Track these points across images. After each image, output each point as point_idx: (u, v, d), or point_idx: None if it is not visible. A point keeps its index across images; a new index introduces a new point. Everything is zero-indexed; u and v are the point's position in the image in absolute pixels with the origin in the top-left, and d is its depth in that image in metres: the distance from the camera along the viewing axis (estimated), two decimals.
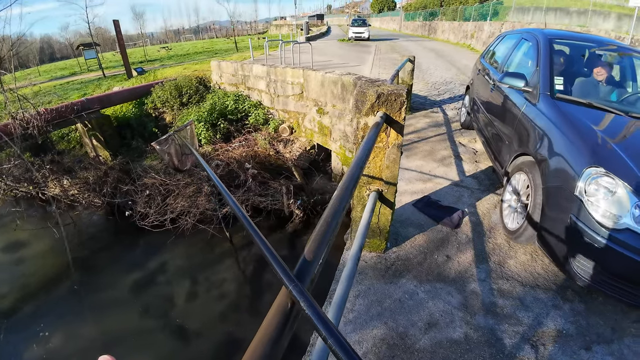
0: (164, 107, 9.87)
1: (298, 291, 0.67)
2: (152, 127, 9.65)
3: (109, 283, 6.18)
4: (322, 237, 0.89)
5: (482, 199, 3.35)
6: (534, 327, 2.00)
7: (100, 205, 7.90)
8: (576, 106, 2.61)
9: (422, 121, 5.58)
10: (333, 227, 0.95)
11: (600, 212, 1.83)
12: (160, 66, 15.44)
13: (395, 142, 2.06)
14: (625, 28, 10.99)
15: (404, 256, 2.54)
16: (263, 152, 7.72)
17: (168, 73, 12.55)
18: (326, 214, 0.99)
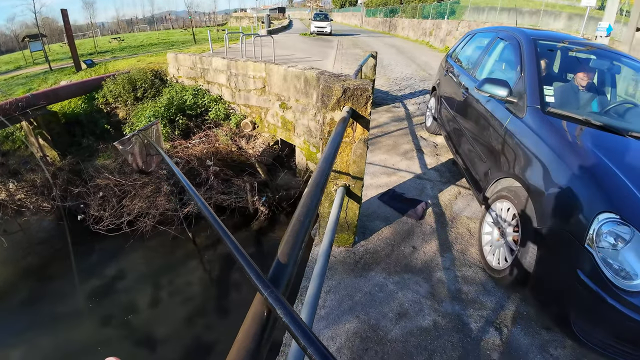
0: (116, 102, 9.25)
1: (274, 298, 0.64)
2: (104, 123, 9.02)
3: (64, 293, 5.72)
4: (295, 238, 0.86)
5: (443, 190, 3.48)
6: (497, 310, 2.11)
7: (50, 209, 7.27)
8: (572, 124, 2.21)
9: (384, 116, 5.68)
10: (306, 226, 0.92)
11: (614, 270, 1.49)
12: (112, 58, 14.46)
13: (361, 137, 2.06)
14: (575, 27, 11.89)
15: (372, 249, 2.57)
16: (225, 149, 7.49)
17: (120, 65, 11.78)
18: (298, 212, 0.96)
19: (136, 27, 48.09)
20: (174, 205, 6.62)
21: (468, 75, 3.61)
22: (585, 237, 1.57)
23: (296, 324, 0.58)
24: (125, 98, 8.98)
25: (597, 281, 1.51)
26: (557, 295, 1.75)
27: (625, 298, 1.44)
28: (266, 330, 0.66)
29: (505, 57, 3.28)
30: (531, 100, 2.39)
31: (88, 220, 6.53)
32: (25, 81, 12.40)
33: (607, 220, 1.54)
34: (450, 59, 4.57)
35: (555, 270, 1.74)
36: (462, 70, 3.90)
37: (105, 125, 8.93)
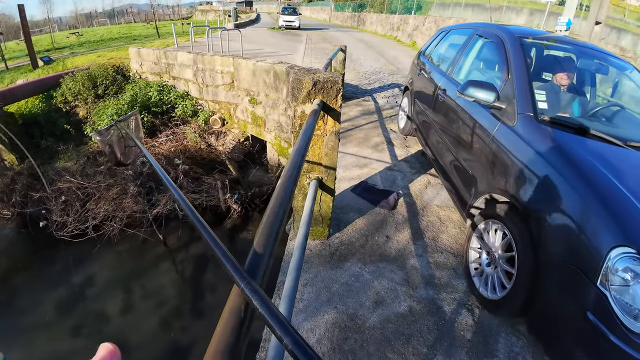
0: (76, 100, 8.72)
1: (251, 289, 0.63)
2: (64, 123, 8.49)
3: (30, 304, 5.37)
4: (270, 228, 0.85)
5: (414, 180, 3.57)
6: (468, 292, 2.20)
7: (10, 217, 6.78)
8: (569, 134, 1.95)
9: (355, 109, 5.73)
10: (280, 217, 0.91)
11: (629, 312, 1.31)
12: (71, 54, 13.60)
13: (332, 129, 2.07)
14: (536, 22, 12.46)
15: (347, 241, 2.60)
16: (193, 146, 7.28)
17: (79, 62, 11.10)
18: (272, 204, 0.95)
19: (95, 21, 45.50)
20: (142, 206, 6.37)
21: (445, 76, 3.32)
22: (597, 275, 1.37)
23: (273, 315, 0.58)
24: (86, 96, 8.50)
25: (609, 324, 1.33)
26: (562, 333, 1.58)
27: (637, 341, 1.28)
28: (245, 323, 0.65)
29: (486, 56, 3.03)
30: (522, 106, 2.11)
31: (51, 226, 6.16)
32: None
33: (623, 255, 1.34)
34: (423, 57, 4.33)
35: (561, 309, 1.55)
36: (438, 70, 3.62)
37: (64, 125, 8.41)
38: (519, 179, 1.87)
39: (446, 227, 2.84)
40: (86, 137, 7.98)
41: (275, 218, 0.89)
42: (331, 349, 1.83)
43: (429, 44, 4.45)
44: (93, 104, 8.42)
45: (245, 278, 0.65)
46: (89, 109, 8.45)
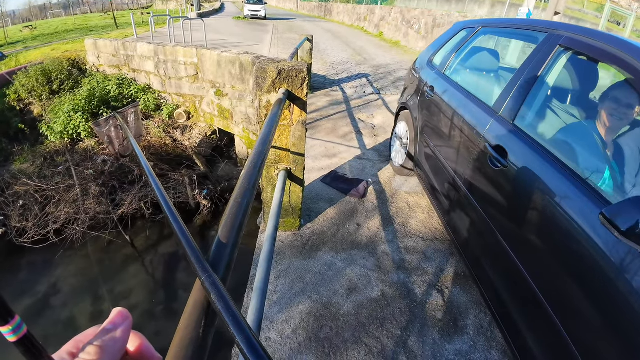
0: (30, 97, 8.11)
1: (210, 283, 0.60)
2: (18, 122, 7.88)
3: None
4: (234, 219, 0.82)
5: (382, 168, 3.62)
6: (438, 274, 2.27)
7: None
8: None
9: (323, 100, 5.71)
10: (245, 207, 0.88)
11: None
12: (24, 49, 12.59)
13: (299, 119, 2.05)
14: (497, 13, 12.85)
15: (318, 230, 2.61)
16: (158, 142, 7.00)
17: (33, 56, 10.30)
18: (235, 194, 0.92)
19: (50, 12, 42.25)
20: (105, 207, 6.07)
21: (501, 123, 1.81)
22: None
23: (228, 310, 0.56)
24: (40, 92, 7.92)
25: None
26: None
27: None
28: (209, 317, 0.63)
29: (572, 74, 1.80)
30: None
31: (10, 233, 5.75)
32: None
33: None
34: (431, 67, 3.00)
35: None
36: (477, 103, 2.10)
37: (19, 124, 7.82)
38: None
39: (415, 213, 2.91)
40: (42, 136, 7.47)
41: (238, 209, 0.86)
42: (307, 338, 1.84)
43: (440, 46, 3.09)
44: (48, 101, 7.86)
45: (207, 271, 0.63)
46: (44, 106, 7.88)
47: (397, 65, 8.89)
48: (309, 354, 1.76)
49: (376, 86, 6.81)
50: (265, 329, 1.88)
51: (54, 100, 7.76)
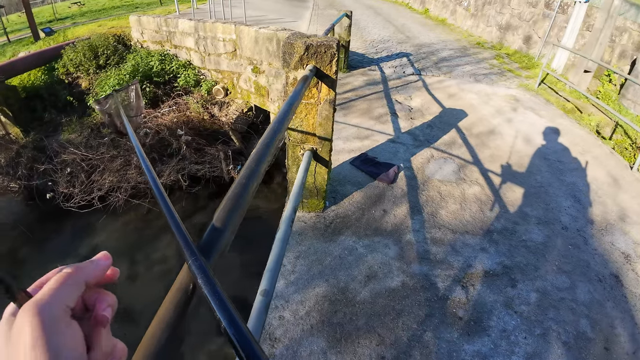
0: (77, 71, 8.56)
1: (198, 267, 0.57)
2: (66, 95, 8.39)
3: (38, 274, 5.54)
4: (234, 202, 0.78)
5: (416, 154, 3.45)
6: (464, 269, 2.15)
7: (17, 189, 6.88)
8: None
9: (359, 79, 5.52)
10: (248, 189, 0.84)
11: None
12: (72, 24, 13.31)
13: (327, 97, 1.96)
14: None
15: (342, 214, 2.55)
16: (196, 117, 7.17)
17: (80, 32, 10.85)
18: (241, 174, 0.88)
19: None
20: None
21: None
22: None
23: (215, 295, 0.52)
24: (87, 67, 8.33)
25: None
26: None
27: None
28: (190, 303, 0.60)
29: None
30: None
31: (58, 198, 6.25)
32: None
33: None
34: None
35: None
36: None
37: (67, 97, 8.31)
38: None
39: (446, 203, 2.76)
40: (89, 108, 7.91)
41: (242, 190, 0.82)
42: (320, 321, 1.82)
43: None
44: (95, 75, 8.26)
45: (194, 254, 0.59)
46: (91, 80, 8.30)
47: (441, 45, 8.37)
48: (320, 337, 1.74)
49: (417, 66, 6.46)
50: (279, 308, 1.89)
51: (100, 75, 8.14)
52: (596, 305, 2.04)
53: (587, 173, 3.41)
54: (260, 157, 0.95)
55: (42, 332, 0.26)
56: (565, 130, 4.28)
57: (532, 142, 3.93)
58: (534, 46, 7.56)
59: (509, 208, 2.81)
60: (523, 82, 5.96)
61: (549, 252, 2.39)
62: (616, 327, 1.93)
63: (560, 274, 2.22)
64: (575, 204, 2.93)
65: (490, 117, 4.48)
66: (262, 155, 0.96)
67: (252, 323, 1.16)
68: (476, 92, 5.30)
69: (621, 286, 2.20)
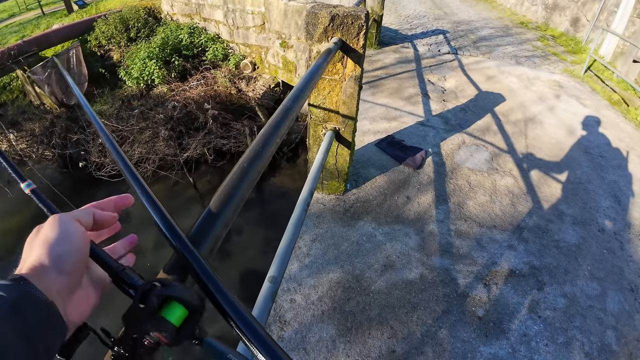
0: (109, 44, 8.72)
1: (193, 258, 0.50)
2: (99, 67, 8.60)
3: None
4: (232, 188, 0.70)
5: (447, 139, 3.25)
6: (488, 267, 2.02)
7: (51, 157, 7.25)
8: None
9: (391, 57, 5.24)
10: (250, 176, 0.75)
11: None
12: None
13: (352, 74, 1.82)
14: None
15: (363, 198, 2.45)
16: (224, 91, 7.16)
17: (112, 4, 10.98)
18: (244, 157, 0.79)
19: None
20: (173, 150, 6.50)
21: None
22: None
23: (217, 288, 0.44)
24: (119, 39, 8.45)
25: None
26: None
27: None
28: None
29: None
30: None
31: (90, 167, 6.52)
32: (19, 28, 11.77)
33: None
34: None
35: None
36: None
37: (100, 69, 8.52)
38: None
39: (475, 194, 2.59)
40: (120, 80, 8.08)
41: (241, 176, 0.74)
42: (332, 308, 1.77)
43: None
44: (126, 48, 8.38)
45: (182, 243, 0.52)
46: (122, 52, 8.44)
47: (481, 23, 7.79)
48: (330, 324, 1.70)
49: (453, 45, 6.06)
50: (292, 291, 1.85)
51: (131, 48, 8.24)
52: (625, 317, 1.87)
53: (631, 172, 3.10)
54: (267, 138, 0.86)
55: (57, 221, 0.38)
56: (611, 123, 3.89)
57: (574, 133, 3.60)
58: (581, 29, 6.89)
59: (543, 204, 2.60)
60: (568, 68, 5.47)
61: (581, 256, 2.20)
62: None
63: (591, 279, 2.04)
64: (614, 205, 2.68)
65: (531, 103, 4.15)
66: (270, 137, 0.87)
67: (257, 311, 1.11)
68: (517, 76, 4.91)
69: None
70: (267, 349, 0.37)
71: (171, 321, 0.36)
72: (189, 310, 0.38)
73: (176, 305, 0.38)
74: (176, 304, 0.38)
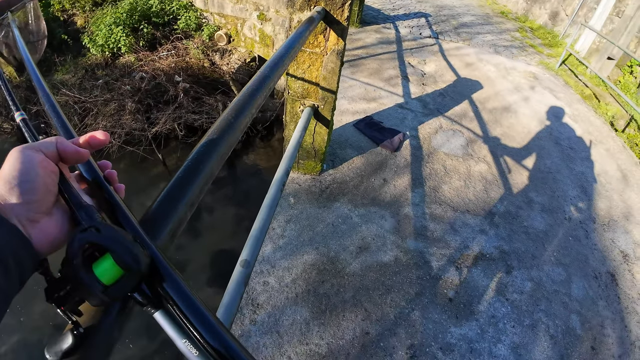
0: (73, 7, 8.02)
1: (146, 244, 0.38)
2: (61, 33, 7.90)
3: None
4: (199, 164, 0.61)
5: (424, 122, 3.24)
6: (461, 250, 2.04)
7: (10, 130, 6.66)
8: None
9: (372, 36, 5.13)
10: (219, 150, 0.66)
11: None
12: None
13: (335, 47, 1.73)
14: None
15: (340, 179, 2.40)
16: (196, 64, 6.80)
17: None
18: (213, 127, 0.70)
19: None
20: (140, 124, 6.15)
21: None
22: None
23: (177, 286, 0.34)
24: (83, 3, 7.77)
25: None
26: None
27: None
28: None
29: None
30: None
31: None
32: None
33: None
34: None
35: None
36: None
37: (62, 35, 7.83)
38: None
39: (450, 178, 2.61)
40: (84, 48, 7.48)
41: (208, 149, 0.64)
42: (306, 290, 1.74)
43: None
44: (91, 12, 7.73)
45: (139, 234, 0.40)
46: (87, 17, 7.78)
47: (463, 9, 7.78)
48: (304, 307, 1.66)
49: (435, 29, 6.02)
50: (265, 273, 1.79)
51: (96, 12, 7.61)
52: (589, 303, 1.96)
53: (597, 164, 3.23)
54: (240, 108, 0.76)
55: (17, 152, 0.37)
56: (581, 117, 4.03)
57: (546, 124, 3.70)
58: (559, 24, 7.04)
59: (514, 191, 2.66)
60: (544, 60, 5.59)
61: (549, 242, 2.28)
62: (606, 327, 1.86)
63: (557, 265, 2.12)
64: (581, 195, 2.79)
65: (507, 93, 4.21)
66: (244, 107, 0.77)
67: (228, 297, 1.04)
68: (495, 65, 4.96)
69: (616, 286, 2.11)
70: None
71: (97, 276, 0.30)
72: (124, 269, 0.31)
73: (108, 259, 0.31)
74: (109, 257, 0.31)
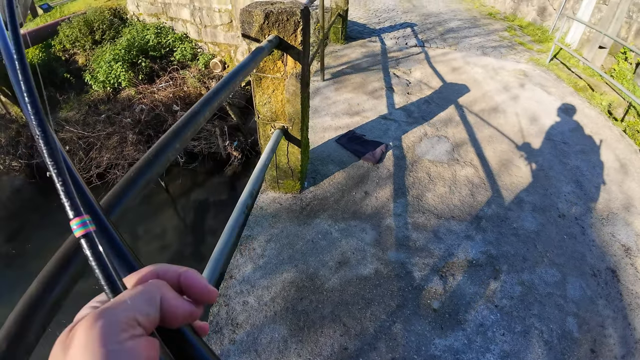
0: (74, 47, 8.44)
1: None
2: (63, 72, 8.32)
3: (40, 251, 5.67)
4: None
5: (409, 131, 3.26)
6: (445, 258, 2.03)
7: (19, 168, 6.97)
8: None
9: (357, 51, 5.23)
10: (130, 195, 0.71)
11: None
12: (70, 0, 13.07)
13: (293, 71, 1.79)
14: None
15: (320, 195, 2.43)
16: (193, 92, 7.03)
17: (77, 7, 10.60)
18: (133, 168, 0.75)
19: None
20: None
21: None
22: None
23: None
24: (83, 42, 8.18)
25: None
26: None
27: None
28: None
29: None
30: None
31: None
32: None
33: None
34: None
35: None
36: None
37: (64, 74, 8.23)
38: None
39: (434, 185, 2.61)
40: (86, 85, 7.83)
41: (119, 196, 0.69)
42: (284, 308, 1.75)
43: None
44: (91, 51, 8.12)
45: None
46: (87, 55, 8.17)
47: (449, 15, 7.88)
48: (282, 325, 1.67)
49: (421, 38, 6.10)
50: (244, 293, 1.82)
51: (96, 50, 7.99)
52: (587, 303, 1.90)
53: (594, 156, 3.18)
54: (163, 146, 0.80)
55: (98, 340, 0.22)
56: (575, 109, 3.99)
57: (538, 121, 3.68)
58: (548, 18, 7.06)
59: (503, 192, 2.64)
60: (534, 57, 5.58)
61: (540, 242, 2.24)
62: (607, 327, 1.80)
63: (550, 266, 2.08)
64: (576, 190, 2.74)
65: (495, 93, 4.21)
66: (166, 145, 0.80)
67: None
68: (482, 66, 4.98)
69: (617, 282, 2.05)
70: None
71: None
72: None
73: None
74: None
